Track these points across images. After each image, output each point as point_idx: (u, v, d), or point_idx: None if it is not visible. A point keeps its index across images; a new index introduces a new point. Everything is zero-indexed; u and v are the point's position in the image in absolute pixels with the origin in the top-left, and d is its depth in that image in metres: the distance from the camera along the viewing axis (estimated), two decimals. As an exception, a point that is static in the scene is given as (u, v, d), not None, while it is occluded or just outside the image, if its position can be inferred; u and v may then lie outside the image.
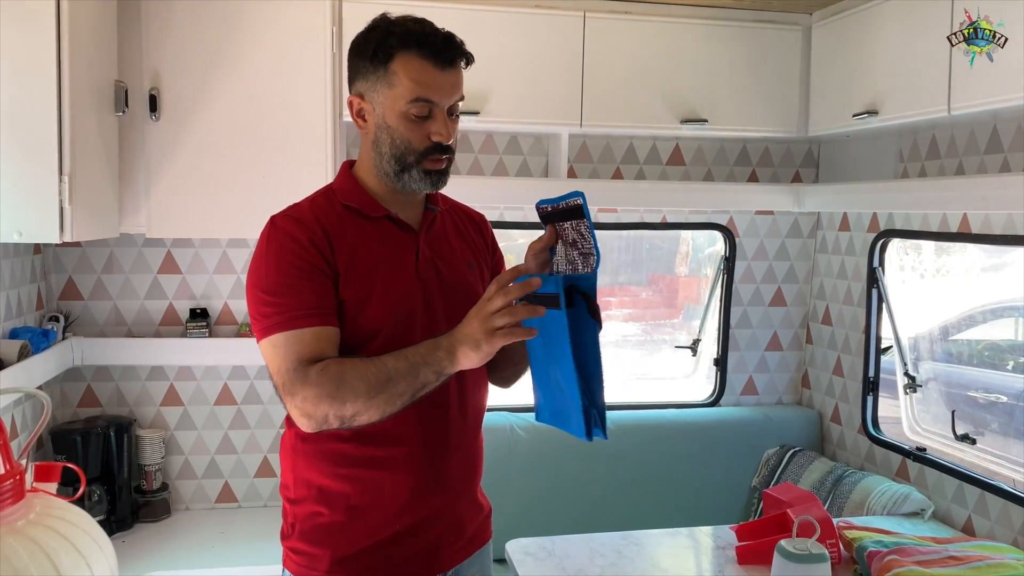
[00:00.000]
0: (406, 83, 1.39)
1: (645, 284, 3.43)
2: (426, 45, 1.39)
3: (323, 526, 1.48)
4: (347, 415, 1.34)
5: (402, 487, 1.47)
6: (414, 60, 1.39)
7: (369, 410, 1.34)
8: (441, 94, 1.41)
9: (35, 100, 1.82)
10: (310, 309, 1.39)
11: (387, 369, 1.33)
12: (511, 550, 2.10)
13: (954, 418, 2.52)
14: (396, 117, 1.42)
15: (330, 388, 1.33)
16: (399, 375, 1.32)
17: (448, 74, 1.41)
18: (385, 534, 1.47)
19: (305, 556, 1.49)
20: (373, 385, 1.32)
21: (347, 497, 1.46)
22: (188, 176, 2.28)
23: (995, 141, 2.33)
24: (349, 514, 1.47)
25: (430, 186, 1.46)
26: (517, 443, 2.81)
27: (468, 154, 2.83)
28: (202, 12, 2.26)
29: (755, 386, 3.17)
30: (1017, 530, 2.20)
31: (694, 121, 2.66)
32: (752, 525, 2.13)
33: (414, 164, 1.43)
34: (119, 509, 2.44)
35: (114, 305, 2.59)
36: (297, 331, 1.38)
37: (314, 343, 1.38)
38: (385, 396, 1.32)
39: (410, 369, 1.32)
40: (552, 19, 2.54)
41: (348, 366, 1.35)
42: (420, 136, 1.42)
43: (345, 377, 1.33)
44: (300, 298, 1.39)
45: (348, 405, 1.33)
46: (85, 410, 2.57)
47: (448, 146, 1.44)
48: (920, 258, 2.82)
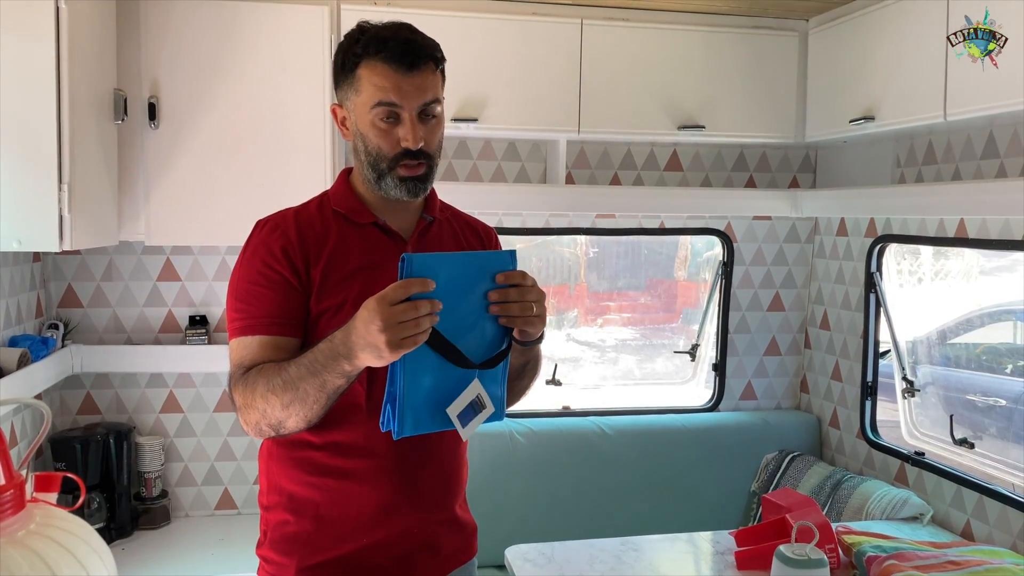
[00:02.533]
0: (369, 89, 1.39)
1: (644, 289, 3.43)
2: (386, 49, 1.38)
3: (291, 535, 1.46)
4: (273, 422, 1.34)
5: (370, 500, 1.44)
6: (376, 65, 1.39)
7: (290, 417, 1.33)
8: (403, 97, 1.38)
9: (34, 108, 1.82)
10: (264, 318, 1.39)
11: (290, 375, 1.30)
12: (511, 556, 2.10)
13: (952, 422, 2.53)
14: (366, 124, 1.41)
15: (249, 397, 1.34)
16: (303, 380, 1.29)
17: (412, 77, 1.38)
18: (352, 547, 1.45)
19: (274, 565, 1.48)
20: (281, 393, 1.31)
21: (316, 506, 1.45)
22: (187, 183, 2.29)
23: (991, 146, 2.34)
24: (316, 523, 1.45)
25: (407, 193, 1.43)
26: (517, 449, 2.81)
27: (466, 160, 2.84)
28: (201, 20, 2.27)
29: (754, 391, 3.18)
30: (1016, 534, 2.20)
31: (692, 127, 2.66)
32: (751, 530, 2.13)
33: (387, 171, 1.42)
34: (119, 516, 2.44)
35: (113, 312, 2.59)
36: (247, 338, 1.39)
37: (259, 352, 1.38)
38: (298, 403, 1.31)
39: (313, 375, 1.28)
40: (550, 26, 2.55)
41: (261, 375, 1.34)
42: (390, 142, 1.41)
43: (257, 386, 1.33)
44: (259, 306, 1.40)
45: (269, 413, 1.33)
46: (85, 417, 2.57)
47: (421, 151, 1.41)
48: (918, 262, 2.82)
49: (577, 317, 3.41)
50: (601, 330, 3.42)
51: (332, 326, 1.35)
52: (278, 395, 1.31)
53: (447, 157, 2.81)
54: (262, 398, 1.33)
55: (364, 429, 1.42)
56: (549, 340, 3.21)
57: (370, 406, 1.41)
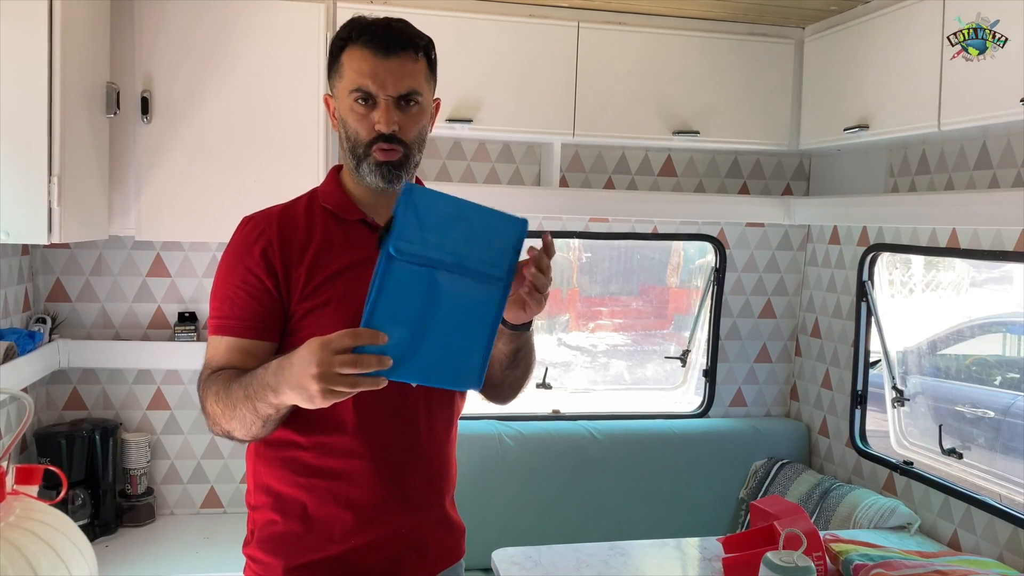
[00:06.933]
0: (349, 74, 1.40)
1: (636, 294, 3.44)
2: (367, 35, 1.39)
3: (278, 535, 1.45)
4: (223, 430, 1.35)
5: (359, 501, 1.43)
6: (356, 51, 1.39)
7: (235, 431, 1.34)
8: (380, 82, 1.38)
9: (26, 100, 1.81)
10: (236, 320, 1.39)
11: (232, 395, 1.30)
12: (497, 559, 2.09)
13: (941, 432, 2.53)
14: (346, 110, 1.41)
15: (204, 402, 1.36)
16: (240, 403, 1.29)
17: (390, 62, 1.38)
18: (339, 548, 1.43)
19: (260, 565, 1.46)
20: (224, 407, 1.32)
21: (303, 506, 1.43)
22: (178, 179, 2.27)
23: (984, 157, 2.34)
24: (304, 524, 1.43)
25: (381, 179, 1.41)
26: (505, 452, 2.81)
27: (461, 161, 2.84)
28: (195, 15, 2.26)
29: (744, 398, 3.18)
30: (1002, 545, 2.21)
31: (686, 133, 2.67)
32: (739, 537, 2.13)
33: (363, 156, 1.41)
34: (103, 513, 2.42)
35: (102, 307, 2.57)
36: (218, 338, 1.41)
37: (226, 354, 1.39)
38: (237, 421, 1.31)
39: (248, 400, 1.27)
40: (546, 28, 2.55)
41: (216, 383, 1.34)
42: (366, 127, 1.40)
43: (209, 394, 1.35)
44: (232, 308, 1.40)
45: (218, 421, 1.35)
46: (70, 413, 2.55)
47: (394, 136, 1.39)
48: (909, 273, 2.83)
49: (569, 321, 3.41)
50: (592, 335, 3.42)
51: (319, 327, 1.31)
52: (223, 409, 1.32)
53: (441, 157, 2.81)
54: (212, 406, 1.34)
55: (352, 429, 1.41)
56: (540, 344, 3.25)
57: (359, 406, 1.40)
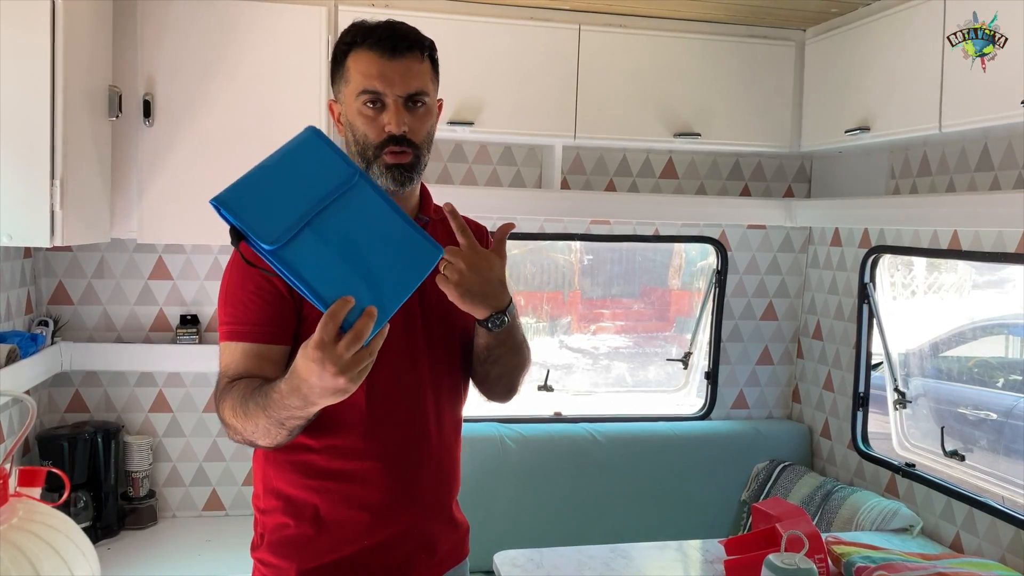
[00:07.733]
0: (356, 77, 1.40)
1: (637, 296, 3.43)
2: (372, 37, 1.39)
3: (290, 538, 1.45)
4: (247, 438, 1.33)
5: (371, 502, 1.43)
6: (362, 53, 1.40)
7: (260, 440, 1.32)
8: (388, 84, 1.38)
9: (28, 103, 1.81)
10: (250, 325, 1.39)
11: (250, 413, 1.27)
12: (499, 562, 2.09)
13: (943, 434, 2.53)
14: (353, 113, 1.42)
15: (223, 411, 1.34)
16: (259, 418, 1.27)
17: (396, 63, 1.39)
18: (352, 549, 1.44)
19: (272, 568, 1.46)
20: (244, 421, 1.29)
21: (315, 509, 1.44)
22: (180, 182, 2.28)
23: (985, 159, 2.34)
24: (316, 527, 1.44)
25: (392, 182, 1.42)
26: (507, 454, 2.81)
27: (462, 164, 2.84)
28: (198, 18, 2.27)
29: (745, 400, 3.18)
30: (1004, 547, 2.20)
31: (687, 135, 2.67)
32: (741, 539, 2.13)
33: (373, 159, 1.41)
34: (105, 516, 2.42)
35: (104, 310, 2.57)
36: (233, 344, 1.39)
37: (242, 360, 1.38)
38: (260, 433, 1.29)
39: (270, 416, 1.25)
40: (547, 31, 2.55)
41: (234, 393, 1.32)
42: (376, 129, 1.40)
43: (226, 406, 1.32)
44: (245, 312, 1.39)
45: (240, 431, 1.32)
46: (73, 415, 2.55)
47: (404, 138, 1.39)
48: (911, 275, 2.83)
49: (570, 324, 3.41)
50: (594, 337, 3.42)
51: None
52: (242, 423, 1.30)
53: (442, 160, 2.81)
54: (231, 419, 1.32)
55: (363, 431, 1.41)
56: (541, 346, 3.25)
57: (370, 408, 1.41)
